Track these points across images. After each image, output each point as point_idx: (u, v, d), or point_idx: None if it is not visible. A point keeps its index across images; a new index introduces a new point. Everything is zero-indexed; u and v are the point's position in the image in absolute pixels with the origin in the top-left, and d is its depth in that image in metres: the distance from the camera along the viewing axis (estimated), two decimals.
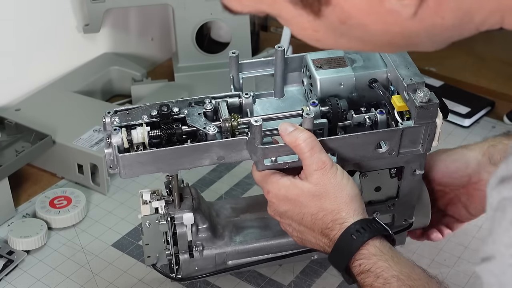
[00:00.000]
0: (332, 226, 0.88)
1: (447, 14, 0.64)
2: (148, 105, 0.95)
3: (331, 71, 0.97)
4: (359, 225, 0.87)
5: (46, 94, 1.44)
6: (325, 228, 0.88)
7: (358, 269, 0.85)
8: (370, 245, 0.86)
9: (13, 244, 1.15)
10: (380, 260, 0.85)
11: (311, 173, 0.89)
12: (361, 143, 0.93)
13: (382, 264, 0.84)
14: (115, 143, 0.90)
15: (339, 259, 0.88)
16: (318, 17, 0.66)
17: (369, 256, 0.85)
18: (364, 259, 0.85)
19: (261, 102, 1.03)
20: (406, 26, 0.65)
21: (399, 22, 0.64)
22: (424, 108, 0.90)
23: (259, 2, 0.67)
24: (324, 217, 0.89)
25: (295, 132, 0.89)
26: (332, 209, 0.88)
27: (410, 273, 0.83)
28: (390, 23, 0.65)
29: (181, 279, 1.07)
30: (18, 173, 1.27)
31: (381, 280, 0.83)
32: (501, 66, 1.65)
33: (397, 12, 0.63)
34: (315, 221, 0.89)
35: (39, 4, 1.43)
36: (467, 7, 0.64)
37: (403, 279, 0.82)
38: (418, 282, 0.83)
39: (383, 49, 0.85)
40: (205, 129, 0.92)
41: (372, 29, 0.66)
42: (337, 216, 0.88)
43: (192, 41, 1.51)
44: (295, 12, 0.66)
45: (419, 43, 0.69)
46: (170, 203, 1.01)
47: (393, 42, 0.68)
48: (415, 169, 0.99)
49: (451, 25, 0.65)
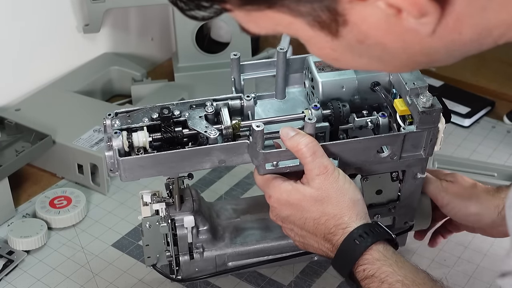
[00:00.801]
0: (335, 231, 0.88)
1: (466, 30, 0.63)
2: (149, 107, 0.95)
3: (333, 74, 0.97)
4: (362, 230, 0.87)
5: (46, 94, 1.44)
6: (328, 233, 0.88)
7: (362, 274, 0.85)
8: (374, 250, 0.86)
9: (13, 244, 1.15)
10: (384, 265, 0.84)
11: (313, 178, 0.88)
12: (363, 147, 0.92)
13: (386, 269, 0.84)
14: (116, 146, 0.90)
15: (343, 264, 0.87)
16: (336, 38, 0.65)
17: (373, 261, 0.85)
18: (368, 264, 0.85)
19: (262, 104, 1.03)
20: (425, 43, 0.64)
21: (418, 40, 0.64)
22: (426, 113, 0.90)
23: (276, 24, 0.67)
24: (326, 222, 0.88)
25: (296, 136, 0.89)
26: (335, 214, 0.88)
27: (414, 278, 0.83)
28: (409, 41, 0.64)
29: (181, 280, 1.07)
30: (18, 173, 1.26)
31: (386, 285, 0.83)
32: (501, 66, 1.65)
33: (416, 31, 0.62)
34: (318, 226, 0.89)
35: (39, 4, 1.43)
36: (486, 22, 0.63)
37: (408, 284, 0.82)
38: (423, 287, 0.83)
39: (403, 69, 0.84)
40: (206, 133, 0.92)
41: (391, 47, 0.65)
42: (340, 221, 0.88)
43: (192, 41, 1.51)
44: (312, 33, 0.65)
45: (439, 59, 0.68)
46: (170, 205, 1.01)
47: (413, 60, 0.68)
48: (417, 172, 0.99)
49: (469, 40, 0.64)
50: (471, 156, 1.38)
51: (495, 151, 1.40)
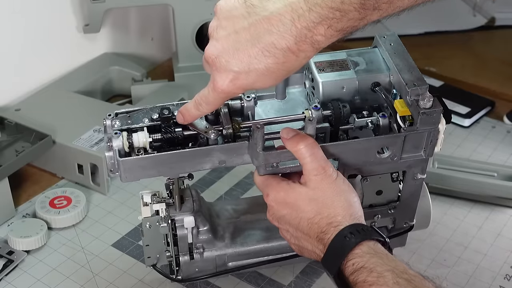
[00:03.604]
0: (327, 229, 0.86)
1: None
2: (149, 108, 0.95)
3: (333, 74, 0.97)
4: (354, 228, 0.85)
5: (46, 94, 1.44)
6: (320, 232, 0.87)
7: (351, 269, 0.82)
8: (364, 245, 0.84)
9: (13, 244, 1.15)
10: (374, 257, 0.82)
11: (311, 178, 0.88)
12: (364, 148, 0.93)
13: (375, 260, 0.82)
14: (116, 147, 0.90)
15: (332, 261, 0.85)
16: None
17: (362, 255, 0.83)
18: (357, 258, 0.83)
19: (262, 104, 1.03)
20: None
21: None
22: (427, 114, 0.90)
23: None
24: (320, 221, 0.87)
25: (296, 137, 0.89)
26: (329, 213, 0.87)
27: (405, 269, 0.82)
28: None
29: (181, 280, 1.07)
30: (18, 173, 1.26)
31: (375, 274, 0.80)
32: (501, 66, 1.65)
33: None
34: (311, 226, 0.88)
35: (39, 4, 1.43)
36: None
37: (398, 273, 0.80)
38: (415, 278, 0.81)
39: None
40: (206, 133, 0.92)
41: None
42: (333, 220, 0.87)
43: (192, 41, 1.51)
44: None
45: None
46: (170, 205, 1.01)
47: None
48: (417, 173, 0.99)
49: None
50: (471, 156, 1.38)
51: (495, 151, 1.40)
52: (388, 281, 0.80)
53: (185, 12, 1.48)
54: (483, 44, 1.73)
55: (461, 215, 1.24)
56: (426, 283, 0.81)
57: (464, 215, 1.25)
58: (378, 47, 1.01)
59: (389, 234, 1.07)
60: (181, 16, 1.48)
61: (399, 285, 0.79)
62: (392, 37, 1.01)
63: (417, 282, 0.81)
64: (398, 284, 0.79)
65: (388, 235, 1.06)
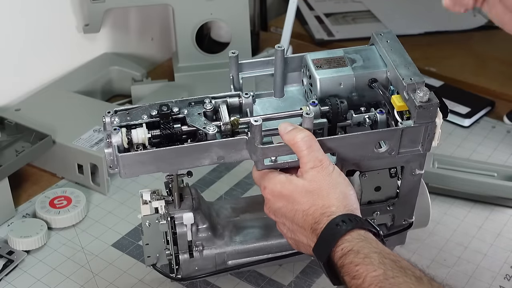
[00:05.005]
0: (320, 219, 0.87)
1: None
2: (148, 105, 0.95)
3: (331, 71, 0.97)
4: (346, 217, 0.85)
5: (46, 94, 1.44)
6: (314, 223, 0.87)
7: (340, 253, 0.83)
8: (355, 232, 0.84)
9: (13, 244, 1.15)
10: (362, 242, 0.83)
11: (307, 170, 0.89)
12: (361, 142, 0.93)
13: (363, 244, 0.82)
14: (115, 143, 0.91)
15: (322, 247, 0.85)
16: None
17: (352, 240, 0.83)
18: (346, 243, 0.83)
19: (261, 102, 1.03)
20: None
21: None
22: (423, 107, 0.90)
23: None
24: (314, 212, 0.88)
25: (293, 130, 0.89)
26: (323, 204, 0.88)
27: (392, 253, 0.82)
28: None
29: (181, 279, 1.07)
30: (18, 173, 1.26)
31: (361, 255, 0.81)
32: (501, 66, 1.65)
33: None
34: (306, 217, 0.88)
35: (39, 4, 1.43)
36: None
37: (384, 254, 0.81)
38: (402, 260, 0.81)
39: None
40: (205, 129, 0.92)
41: None
42: (327, 210, 0.87)
43: (192, 41, 1.51)
44: None
45: None
46: (170, 203, 1.01)
47: None
48: (415, 168, 0.99)
49: None
50: (471, 156, 1.38)
51: (495, 151, 1.40)
52: (374, 261, 0.81)
53: (185, 12, 1.48)
54: (483, 44, 1.73)
55: (461, 215, 1.24)
56: (412, 267, 0.81)
57: (464, 215, 1.24)
58: (375, 45, 1.01)
59: (388, 231, 1.07)
60: (181, 16, 1.49)
61: (385, 265, 0.80)
62: (388, 34, 1.01)
63: (403, 263, 0.81)
64: (383, 264, 0.80)
65: (387, 233, 1.06)
